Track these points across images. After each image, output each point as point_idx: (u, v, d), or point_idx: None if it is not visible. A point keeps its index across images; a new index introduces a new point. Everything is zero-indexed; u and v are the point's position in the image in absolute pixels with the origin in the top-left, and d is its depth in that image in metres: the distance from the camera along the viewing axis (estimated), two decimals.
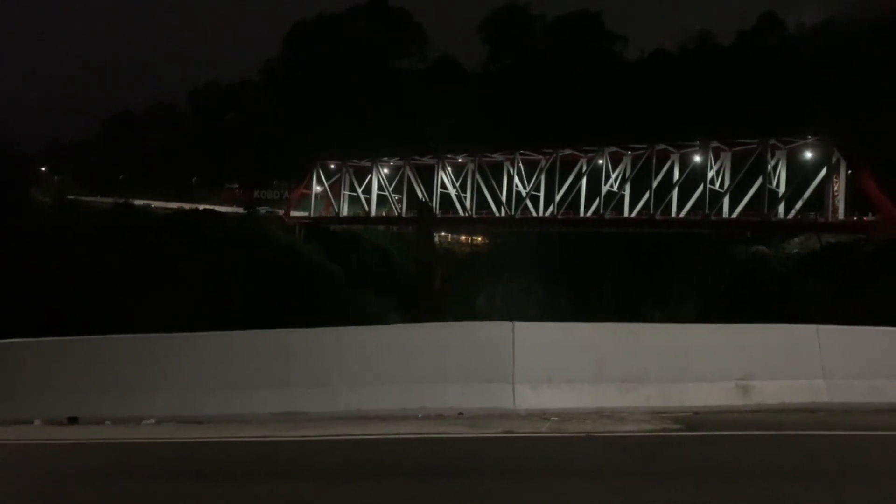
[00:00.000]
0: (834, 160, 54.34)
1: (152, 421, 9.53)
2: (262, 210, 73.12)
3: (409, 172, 69.87)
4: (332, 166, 73.28)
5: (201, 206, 68.16)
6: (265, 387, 9.67)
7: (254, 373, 9.85)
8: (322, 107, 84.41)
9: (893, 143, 54.44)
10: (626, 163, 63.26)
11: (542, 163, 65.83)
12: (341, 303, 57.12)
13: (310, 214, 73.79)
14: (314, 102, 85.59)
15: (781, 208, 56.52)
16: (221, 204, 73.34)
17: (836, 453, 7.76)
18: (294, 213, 73.86)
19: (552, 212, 64.97)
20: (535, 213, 66.86)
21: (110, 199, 66.58)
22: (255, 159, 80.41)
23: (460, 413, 9.29)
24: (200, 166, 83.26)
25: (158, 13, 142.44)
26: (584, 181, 63.86)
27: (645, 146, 61.06)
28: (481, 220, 70.45)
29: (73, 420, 9.72)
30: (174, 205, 70.24)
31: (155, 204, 70.24)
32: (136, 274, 49.18)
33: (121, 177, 79.97)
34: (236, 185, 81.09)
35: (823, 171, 54.63)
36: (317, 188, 73.91)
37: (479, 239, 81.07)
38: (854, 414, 9.63)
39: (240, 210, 72.05)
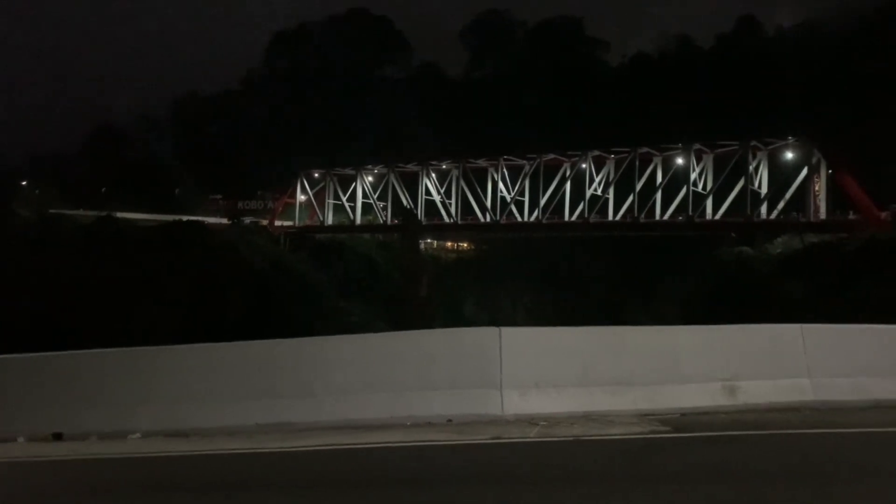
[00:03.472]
0: (814, 160, 54.92)
1: (138, 435, 9.45)
2: (247, 220, 72.80)
3: (393, 180, 69.88)
4: (317, 175, 73.16)
5: (185, 218, 67.77)
6: (251, 398, 9.61)
7: (239, 384, 9.79)
8: (305, 116, 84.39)
9: (872, 142, 55.17)
10: (610, 166, 63.60)
11: (527, 168, 66.06)
12: (327, 312, 57.02)
13: (294, 224, 73.60)
14: (297, 112, 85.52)
15: (764, 209, 57.01)
16: (205, 215, 72.94)
17: (821, 452, 7.82)
18: (279, 223, 73.63)
19: (537, 216, 65.16)
20: (520, 219, 67.05)
21: (93, 212, 66.00)
22: (239, 169, 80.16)
23: (449, 420, 9.27)
24: (184, 177, 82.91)
25: (138, 23, 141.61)
26: (568, 185, 64.15)
27: (628, 150, 61.45)
28: (467, 227, 70.57)
29: (57, 436, 9.61)
30: (158, 217, 69.77)
31: (138, 216, 69.71)
32: (121, 287, 48.77)
33: (103, 189, 79.35)
34: (220, 196, 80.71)
35: (804, 172, 55.18)
36: (301, 197, 73.76)
37: (465, 245, 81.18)
38: (838, 412, 9.70)
39: (224, 221, 71.69)
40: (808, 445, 8.10)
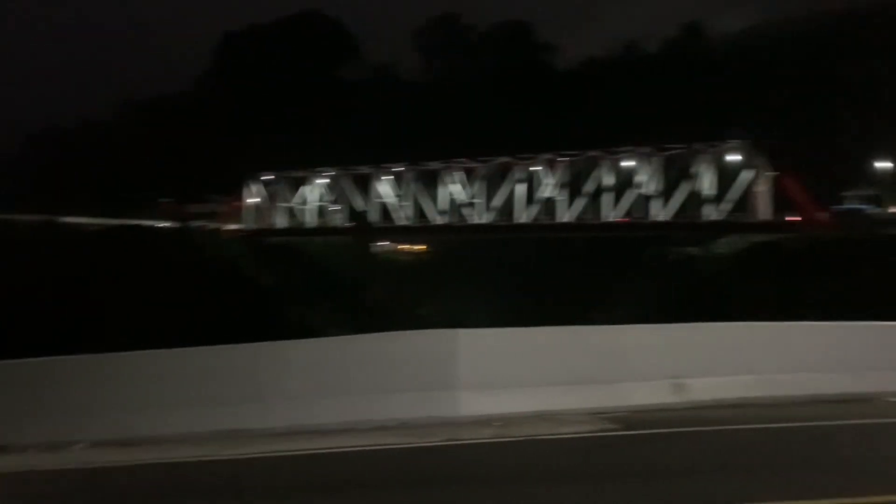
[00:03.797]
0: (757, 162, 56.54)
1: (83, 445, 9.21)
2: (197, 224, 71.48)
3: (346, 182, 69.49)
4: (268, 178, 72.29)
5: (133, 222, 66.21)
6: (201, 405, 9.46)
7: (189, 391, 9.63)
8: (256, 118, 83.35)
9: (812, 144, 57.05)
10: (561, 169, 64.43)
11: (480, 170, 66.47)
12: (280, 317, 56.26)
13: (245, 227, 72.57)
14: (248, 114, 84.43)
15: (709, 210, 58.43)
16: (154, 219, 71.39)
17: (761, 446, 8.08)
18: (229, 227, 72.49)
19: (491, 218, 65.61)
20: (474, 220, 67.39)
21: (35, 217, 63.99)
22: (189, 173, 78.62)
23: (404, 423, 9.28)
24: (131, 181, 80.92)
25: (85, 22, 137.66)
26: (521, 187, 64.76)
27: (578, 152, 62.40)
28: (421, 229, 70.58)
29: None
30: (104, 221, 67.98)
31: (84, 220, 67.83)
32: (66, 294, 47.39)
33: (47, 193, 76.95)
34: (170, 200, 79.04)
35: (748, 174, 56.75)
36: (252, 201, 72.77)
37: (420, 247, 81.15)
38: (779, 407, 10.03)
39: (174, 225, 70.26)
40: (748, 440, 8.36)
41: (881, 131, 52.38)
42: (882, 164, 54.48)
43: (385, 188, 69.02)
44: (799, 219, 54.78)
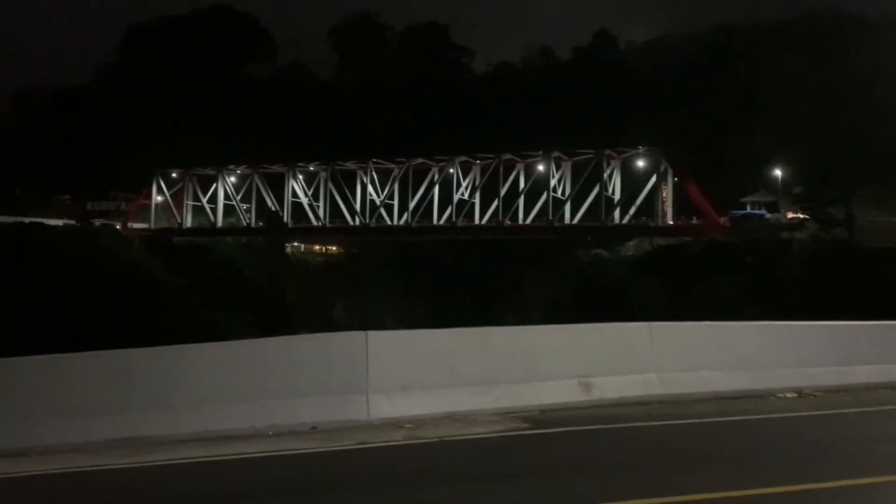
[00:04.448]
0: (662, 168, 58.84)
1: None
2: (98, 223, 68.31)
3: (257, 181, 68.03)
4: (174, 175, 69.96)
5: (27, 220, 62.66)
6: (102, 412, 9.03)
7: (89, 398, 9.17)
8: (162, 113, 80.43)
9: (714, 151, 59.77)
10: (476, 172, 65.17)
11: (395, 171, 66.38)
12: (187, 320, 54.33)
13: (150, 226, 69.98)
14: (154, 108, 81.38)
15: (617, 214, 60.38)
16: (51, 216, 67.82)
17: (665, 442, 8.40)
18: (133, 226, 69.74)
19: (406, 220, 65.61)
20: (389, 222, 67.23)
21: None
22: (89, 168, 75.08)
23: (313, 427, 9.14)
24: (26, 176, 76.52)
25: None
26: (436, 189, 65.07)
27: (493, 156, 63.24)
28: (335, 230, 69.88)
29: None
30: None
31: None
32: None
33: None
34: (68, 197, 75.19)
35: (653, 179, 58.97)
36: (158, 198, 70.27)
37: (334, 249, 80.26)
38: (682, 404, 10.44)
39: (72, 223, 66.91)
40: (653, 437, 8.68)
41: (782, 139, 55.32)
42: (780, 172, 57.68)
43: (299, 188, 67.97)
44: (700, 223, 57.34)
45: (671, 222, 59.03)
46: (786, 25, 71.92)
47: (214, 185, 69.10)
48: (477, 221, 64.51)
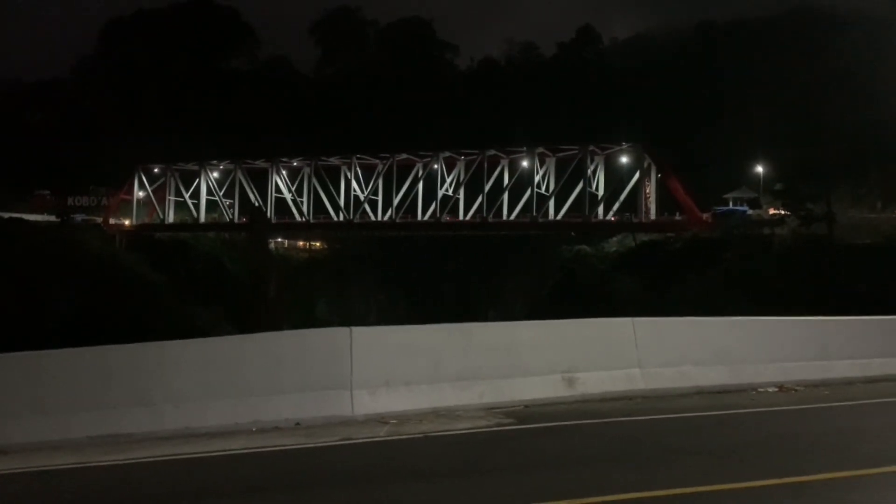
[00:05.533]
0: (645, 165, 59.07)
1: None
2: (78, 218, 67.60)
3: (240, 176, 67.55)
4: (156, 170, 69.33)
5: (6, 215, 61.91)
6: (82, 409, 8.93)
7: (69, 395, 9.07)
8: (144, 108, 79.69)
9: (694, 148, 60.15)
10: (460, 167, 65.08)
11: (380, 167, 66.13)
12: (168, 315, 54.00)
13: (132, 222, 69.36)
14: (135, 103, 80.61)
15: (601, 210, 60.58)
16: (30, 212, 67.01)
17: (647, 437, 8.44)
18: (114, 221, 69.10)
19: (390, 216, 65.44)
20: (373, 218, 67.01)
21: None
22: (69, 163, 74.20)
23: (297, 424, 9.10)
24: (4, 171, 75.51)
25: None
26: (420, 185, 64.93)
27: (477, 152, 63.16)
28: (319, 226, 69.57)
29: None
30: None
31: None
32: None
33: None
34: (47, 192, 74.32)
35: (636, 175, 59.19)
36: (139, 194, 69.64)
37: (318, 244, 79.91)
38: (664, 399, 10.51)
39: (52, 218, 66.16)
40: (635, 431, 8.72)
41: (762, 136, 55.81)
42: (761, 168, 58.20)
43: (282, 183, 67.59)
44: (683, 219, 57.70)
45: (654, 218, 59.31)
46: (765, 23, 72.52)
47: (197, 181, 68.54)
48: (461, 217, 64.46)
